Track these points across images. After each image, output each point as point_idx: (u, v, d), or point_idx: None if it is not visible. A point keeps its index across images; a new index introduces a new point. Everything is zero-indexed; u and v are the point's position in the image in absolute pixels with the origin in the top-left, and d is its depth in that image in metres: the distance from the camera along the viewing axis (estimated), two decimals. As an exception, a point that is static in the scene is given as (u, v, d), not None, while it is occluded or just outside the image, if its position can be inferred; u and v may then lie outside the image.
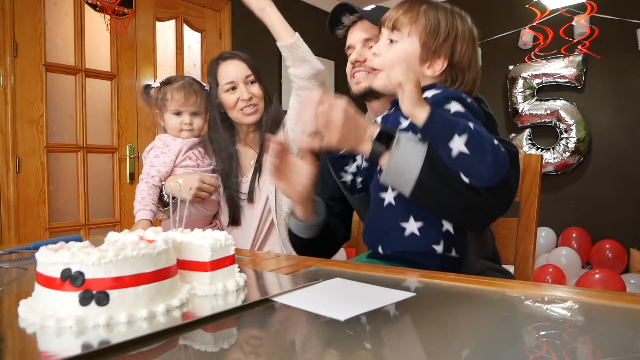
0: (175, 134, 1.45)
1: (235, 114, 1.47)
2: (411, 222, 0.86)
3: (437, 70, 0.91)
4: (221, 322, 0.56)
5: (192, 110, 1.44)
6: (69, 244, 0.58)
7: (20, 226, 2.55)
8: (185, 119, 1.43)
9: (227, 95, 1.46)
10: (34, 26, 2.60)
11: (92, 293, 0.52)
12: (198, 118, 1.46)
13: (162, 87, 1.46)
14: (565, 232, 3.61)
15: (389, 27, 0.93)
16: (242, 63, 1.48)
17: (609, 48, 3.46)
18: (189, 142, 1.45)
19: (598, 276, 2.79)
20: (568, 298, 0.64)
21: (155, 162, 1.40)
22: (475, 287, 0.70)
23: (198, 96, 1.44)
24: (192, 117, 1.45)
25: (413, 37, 0.91)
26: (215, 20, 3.54)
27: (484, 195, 0.82)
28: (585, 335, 0.52)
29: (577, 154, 3.64)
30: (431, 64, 0.91)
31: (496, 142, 0.79)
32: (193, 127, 1.45)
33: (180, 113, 1.43)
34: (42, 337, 0.50)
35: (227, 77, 1.46)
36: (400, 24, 0.92)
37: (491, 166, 0.78)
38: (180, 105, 1.42)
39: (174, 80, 1.46)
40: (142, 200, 1.34)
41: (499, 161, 0.78)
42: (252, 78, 1.47)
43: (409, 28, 0.91)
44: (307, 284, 0.70)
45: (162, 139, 1.45)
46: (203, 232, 0.69)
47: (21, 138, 2.55)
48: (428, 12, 0.91)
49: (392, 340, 0.50)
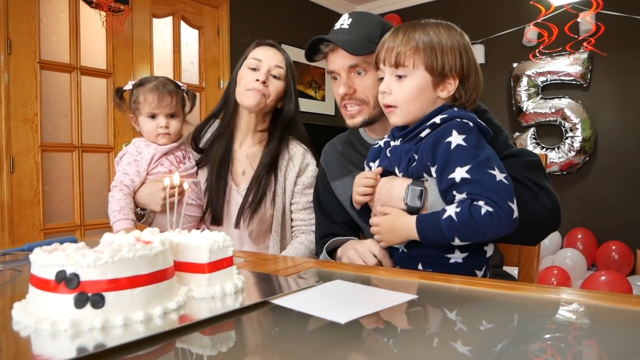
0: (152, 138, 1.39)
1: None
2: (457, 253, 0.90)
3: (451, 90, 0.93)
4: (219, 325, 0.56)
5: (168, 112, 1.37)
6: (63, 245, 0.58)
7: (15, 227, 2.55)
8: (161, 121, 1.36)
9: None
10: (29, 23, 2.60)
11: (88, 295, 0.51)
12: (175, 120, 1.39)
13: (135, 89, 1.39)
14: (571, 233, 3.61)
15: (390, 65, 0.93)
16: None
17: (615, 45, 3.46)
18: (164, 148, 1.39)
19: (604, 278, 2.79)
20: (573, 300, 0.64)
21: (128, 170, 1.35)
22: (478, 290, 0.70)
23: (173, 97, 1.37)
24: (169, 120, 1.38)
25: (419, 67, 0.91)
26: (213, 17, 3.54)
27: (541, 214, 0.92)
28: (590, 339, 0.52)
29: (582, 154, 3.64)
30: (444, 86, 0.93)
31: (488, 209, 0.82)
32: (170, 131, 1.38)
33: (155, 116, 1.37)
34: (36, 340, 0.50)
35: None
36: (403, 59, 0.91)
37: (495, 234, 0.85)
38: (154, 108, 1.35)
39: (147, 81, 1.39)
40: (121, 209, 1.29)
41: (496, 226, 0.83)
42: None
43: (413, 60, 0.91)
44: (306, 286, 0.70)
45: (135, 144, 1.39)
46: (200, 234, 0.69)
47: (15, 137, 2.55)
48: (424, 38, 0.91)
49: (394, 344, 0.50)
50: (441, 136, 0.87)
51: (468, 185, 0.83)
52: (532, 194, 0.92)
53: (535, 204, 0.91)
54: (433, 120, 0.91)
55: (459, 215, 0.82)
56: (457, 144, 0.85)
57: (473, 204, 0.82)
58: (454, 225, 0.83)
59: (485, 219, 0.81)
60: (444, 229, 0.83)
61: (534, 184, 0.93)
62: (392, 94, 0.94)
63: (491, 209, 0.81)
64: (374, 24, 1.15)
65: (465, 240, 0.84)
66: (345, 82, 1.15)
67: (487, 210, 0.81)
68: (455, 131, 0.87)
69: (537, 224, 0.92)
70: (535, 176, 0.94)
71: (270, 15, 3.83)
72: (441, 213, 0.85)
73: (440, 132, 0.88)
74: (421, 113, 0.94)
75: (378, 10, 4.60)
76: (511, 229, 0.83)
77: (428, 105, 0.93)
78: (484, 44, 4.02)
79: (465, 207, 0.82)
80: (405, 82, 0.93)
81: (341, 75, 1.16)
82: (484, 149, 0.87)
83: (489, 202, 0.82)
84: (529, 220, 0.88)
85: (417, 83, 0.92)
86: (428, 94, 0.93)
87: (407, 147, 0.95)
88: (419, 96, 0.92)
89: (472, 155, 0.84)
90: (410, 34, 0.92)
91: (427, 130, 0.92)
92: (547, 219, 0.93)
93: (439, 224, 0.84)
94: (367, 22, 1.16)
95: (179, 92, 1.42)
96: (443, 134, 0.88)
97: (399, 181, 0.94)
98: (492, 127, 0.97)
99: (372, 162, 1.05)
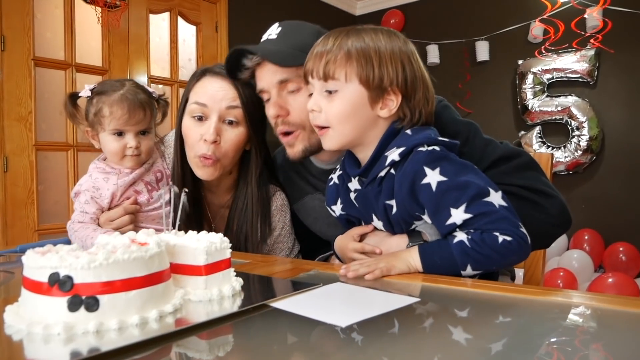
0: (117, 160, 1.15)
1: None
2: (468, 270, 0.79)
3: (393, 108, 0.82)
4: (216, 328, 0.56)
5: (139, 129, 1.13)
6: (57, 247, 0.58)
7: (8, 228, 2.55)
8: (130, 141, 1.12)
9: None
10: (22, 19, 2.60)
11: (81, 298, 0.51)
12: (146, 139, 1.15)
13: (96, 97, 1.12)
14: (577, 234, 3.61)
15: (319, 77, 0.82)
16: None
17: (622, 42, 3.46)
18: (127, 179, 1.14)
19: (611, 280, 2.79)
20: (580, 303, 0.64)
21: (87, 209, 1.14)
22: (482, 292, 0.70)
23: (146, 110, 1.13)
24: (140, 138, 1.14)
25: (353, 80, 0.81)
26: (211, 13, 3.54)
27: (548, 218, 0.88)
28: (598, 343, 0.52)
29: (589, 153, 3.64)
30: (384, 103, 0.82)
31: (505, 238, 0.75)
32: (140, 152, 1.14)
33: (123, 133, 1.12)
34: (29, 344, 0.50)
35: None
36: (332, 71, 0.80)
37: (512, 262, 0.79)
38: (123, 124, 1.10)
39: (111, 88, 1.11)
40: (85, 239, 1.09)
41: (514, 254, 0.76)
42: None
43: (344, 71, 0.80)
44: (306, 288, 0.70)
45: (92, 178, 1.16)
46: (197, 235, 0.69)
47: (9, 136, 2.55)
48: (357, 44, 0.80)
49: (395, 348, 0.50)
50: (414, 179, 0.79)
51: (473, 224, 0.76)
52: (533, 206, 0.87)
53: (538, 214, 0.87)
54: (391, 159, 0.81)
55: (473, 242, 0.75)
56: (437, 183, 0.77)
57: (486, 235, 0.75)
58: (468, 251, 0.75)
59: (503, 248, 0.74)
60: (456, 254, 0.76)
61: (532, 192, 0.88)
62: (322, 112, 0.83)
63: (509, 238, 0.75)
64: (308, 33, 1.02)
65: (477, 268, 0.77)
66: (275, 102, 1.02)
67: (505, 239, 0.74)
68: (428, 168, 0.78)
69: (545, 232, 0.89)
70: (532, 181, 0.89)
71: (269, 10, 3.83)
72: (450, 238, 0.78)
73: (411, 174, 0.79)
74: (358, 135, 0.83)
75: (381, 6, 4.58)
76: (528, 253, 0.79)
77: (366, 126, 0.83)
78: (488, 41, 4.02)
79: (477, 235, 0.75)
80: (336, 97, 0.82)
81: (271, 94, 1.03)
82: (465, 171, 0.79)
83: (503, 232, 0.75)
84: (537, 232, 0.82)
85: (350, 99, 0.81)
86: (365, 112, 0.82)
87: (373, 191, 0.86)
88: (354, 115, 0.82)
89: (459, 189, 0.76)
90: (342, 41, 0.81)
91: (386, 169, 0.83)
92: (555, 224, 0.90)
93: (449, 249, 0.76)
94: (300, 31, 1.04)
95: (151, 101, 1.16)
96: (415, 175, 0.79)
97: (394, 240, 0.87)
98: (457, 126, 0.91)
99: (333, 205, 0.97)
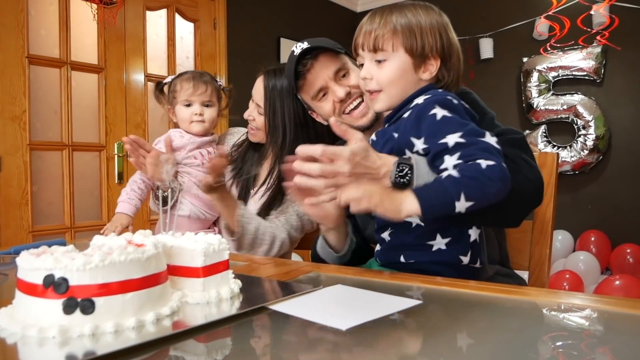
0: (186, 126, 1.48)
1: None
2: (438, 239, 0.90)
3: (434, 71, 0.95)
4: (214, 331, 0.56)
5: (203, 100, 1.47)
6: (52, 249, 0.58)
7: (2, 229, 2.55)
8: (196, 109, 1.46)
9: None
10: (16, 16, 2.60)
11: (77, 301, 0.51)
12: (210, 109, 1.49)
13: (173, 80, 1.51)
14: (583, 236, 3.60)
15: (369, 49, 0.95)
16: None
17: (630, 39, 3.45)
18: (197, 141, 1.48)
19: (618, 282, 2.79)
20: (586, 306, 0.64)
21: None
22: (486, 295, 0.70)
23: (209, 86, 1.48)
24: (203, 108, 1.47)
25: (399, 50, 0.93)
26: (209, 10, 3.54)
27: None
28: (604, 346, 0.52)
29: (595, 152, 3.63)
30: (425, 67, 0.95)
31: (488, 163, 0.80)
32: (204, 119, 1.47)
33: (191, 103, 1.47)
34: (23, 347, 0.50)
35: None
36: (381, 43, 0.93)
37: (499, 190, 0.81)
38: (190, 95, 1.45)
39: (185, 73, 1.52)
40: (130, 192, 1.40)
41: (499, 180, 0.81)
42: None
43: (391, 43, 0.93)
44: (306, 290, 0.70)
45: (171, 134, 1.48)
46: (195, 236, 0.69)
47: (2, 135, 2.55)
48: (401, 20, 0.93)
49: (397, 351, 0.50)
50: (424, 111, 0.88)
51: (462, 149, 0.82)
52: (516, 168, 0.92)
53: (520, 177, 0.91)
54: (415, 102, 0.92)
55: (462, 171, 0.80)
56: (442, 116, 0.86)
57: (470, 163, 0.81)
58: (457, 179, 0.79)
59: (488, 171, 0.79)
60: (448, 184, 0.79)
61: (519, 158, 0.95)
62: (374, 78, 0.95)
63: (492, 162, 0.80)
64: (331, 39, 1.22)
65: (470, 196, 0.79)
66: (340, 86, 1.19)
67: (488, 165, 0.80)
68: (438, 106, 0.87)
69: (521, 198, 0.92)
70: (520, 152, 0.96)
71: (269, 7, 3.83)
72: (439, 176, 0.82)
73: (423, 108, 0.89)
74: (404, 95, 0.95)
75: (382, 2, 4.58)
76: (507, 187, 0.82)
77: (411, 87, 0.95)
78: (492, 38, 4.02)
79: (463, 165, 0.81)
80: (385, 65, 0.94)
81: (329, 85, 1.20)
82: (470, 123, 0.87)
83: (487, 159, 0.80)
84: (515, 193, 0.85)
85: (397, 65, 0.94)
86: (410, 76, 0.94)
87: (391, 129, 0.95)
88: (401, 79, 0.94)
89: (461, 124, 0.85)
90: (387, 17, 0.94)
91: (409, 111, 0.93)
92: (531, 192, 0.94)
93: (442, 182, 0.80)
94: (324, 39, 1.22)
95: (214, 82, 1.52)
96: (425, 107, 0.89)
97: (374, 153, 0.87)
98: (478, 108, 0.99)
99: None
